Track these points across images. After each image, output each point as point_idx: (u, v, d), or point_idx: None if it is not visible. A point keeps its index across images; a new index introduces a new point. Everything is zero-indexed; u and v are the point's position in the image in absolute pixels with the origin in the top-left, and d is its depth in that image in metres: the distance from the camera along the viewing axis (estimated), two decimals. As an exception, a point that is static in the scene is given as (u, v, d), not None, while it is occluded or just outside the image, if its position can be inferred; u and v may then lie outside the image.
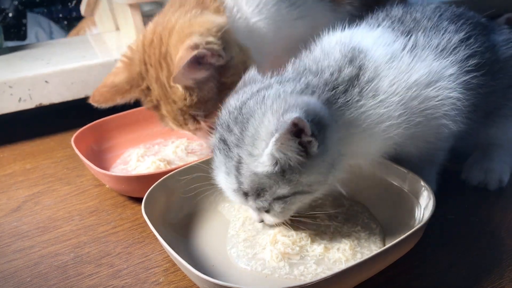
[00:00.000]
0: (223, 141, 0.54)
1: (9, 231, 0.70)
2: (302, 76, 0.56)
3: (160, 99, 0.76)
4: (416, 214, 0.59)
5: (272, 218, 0.57)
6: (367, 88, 0.55)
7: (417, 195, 0.60)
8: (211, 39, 0.70)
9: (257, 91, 0.55)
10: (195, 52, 0.66)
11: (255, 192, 0.53)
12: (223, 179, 0.55)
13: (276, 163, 0.50)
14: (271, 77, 0.59)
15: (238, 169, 0.52)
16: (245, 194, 0.54)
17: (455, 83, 0.57)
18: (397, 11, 0.66)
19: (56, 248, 0.65)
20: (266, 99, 0.52)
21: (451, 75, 0.57)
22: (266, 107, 0.51)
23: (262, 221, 0.59)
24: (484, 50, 0.62)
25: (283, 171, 0.51)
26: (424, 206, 0.57)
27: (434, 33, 0.61)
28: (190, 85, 0.72)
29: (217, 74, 0.73)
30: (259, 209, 0.56)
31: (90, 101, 0.78)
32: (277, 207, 0.54)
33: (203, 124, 0.76)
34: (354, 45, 0.58)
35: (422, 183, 0.59)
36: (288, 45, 0.82)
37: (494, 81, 0.63)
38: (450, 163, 0.68)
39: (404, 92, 0.55)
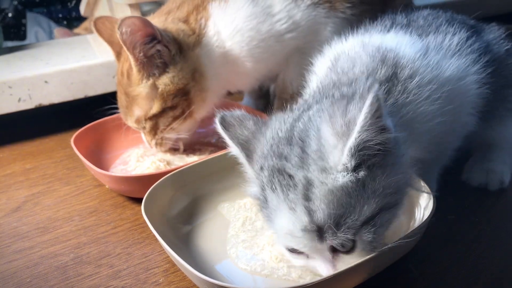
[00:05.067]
0: (279, 171, 0.46)
1: (9, 232, 0.70)
2: (335, 90, 0.51)
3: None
4: (416, 214, 0.58)
5: (360, 253, 0.47)
6: (409, 86, 0.53)
7: (417, 195, 0.60)
8: (167, 31, 0.75)
9: (297, 118, 0.50)
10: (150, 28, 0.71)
11: (334, 221, 0.44)
12: (287, 218, 0.45)
13: (357, 166, 0.43)
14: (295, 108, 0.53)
15: (307, 196, 0.44)
16: (319, 230, 0.45)
17: (478, 80, 0.59)
18: (401, 18, 0.67)
19: (56, 248, 0.65)
20: (313, 118, 0.48)
21: (475, 72, 0.58)
22: (318, 122, 0.46)
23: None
24: (482, 49, 0.62)
25: (363, 183, 0.44)
26: (424, 206, 0.57)
27: (442, 35, 0.61)
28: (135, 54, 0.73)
29: (158, 69, 0.76)
30: (338, 249, 0.46)
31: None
32: (366, 235, 0.45)
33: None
34: (378, 46, 0.57)
35: (422, 183, 0.59)
36: (281, 59, 0.84)
37: (493, 80, 0.63)
38: (451, 163, 0.68)
39: (440, 89, 0.54)
